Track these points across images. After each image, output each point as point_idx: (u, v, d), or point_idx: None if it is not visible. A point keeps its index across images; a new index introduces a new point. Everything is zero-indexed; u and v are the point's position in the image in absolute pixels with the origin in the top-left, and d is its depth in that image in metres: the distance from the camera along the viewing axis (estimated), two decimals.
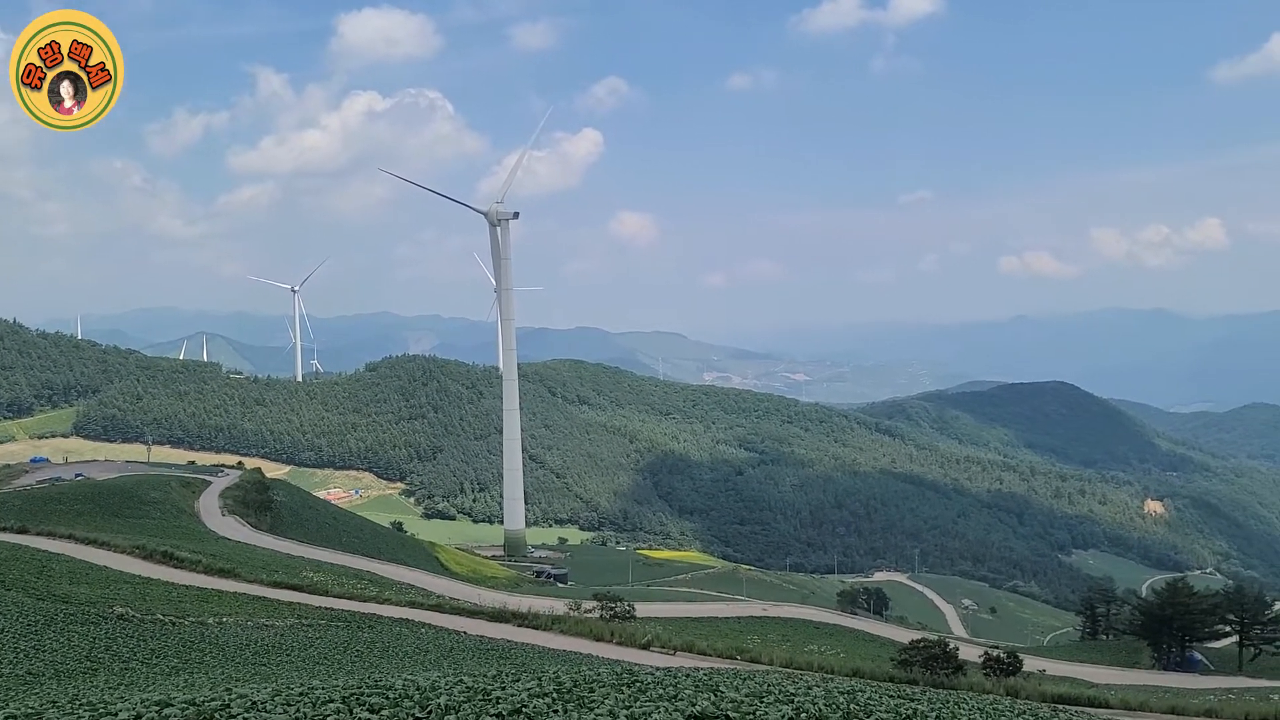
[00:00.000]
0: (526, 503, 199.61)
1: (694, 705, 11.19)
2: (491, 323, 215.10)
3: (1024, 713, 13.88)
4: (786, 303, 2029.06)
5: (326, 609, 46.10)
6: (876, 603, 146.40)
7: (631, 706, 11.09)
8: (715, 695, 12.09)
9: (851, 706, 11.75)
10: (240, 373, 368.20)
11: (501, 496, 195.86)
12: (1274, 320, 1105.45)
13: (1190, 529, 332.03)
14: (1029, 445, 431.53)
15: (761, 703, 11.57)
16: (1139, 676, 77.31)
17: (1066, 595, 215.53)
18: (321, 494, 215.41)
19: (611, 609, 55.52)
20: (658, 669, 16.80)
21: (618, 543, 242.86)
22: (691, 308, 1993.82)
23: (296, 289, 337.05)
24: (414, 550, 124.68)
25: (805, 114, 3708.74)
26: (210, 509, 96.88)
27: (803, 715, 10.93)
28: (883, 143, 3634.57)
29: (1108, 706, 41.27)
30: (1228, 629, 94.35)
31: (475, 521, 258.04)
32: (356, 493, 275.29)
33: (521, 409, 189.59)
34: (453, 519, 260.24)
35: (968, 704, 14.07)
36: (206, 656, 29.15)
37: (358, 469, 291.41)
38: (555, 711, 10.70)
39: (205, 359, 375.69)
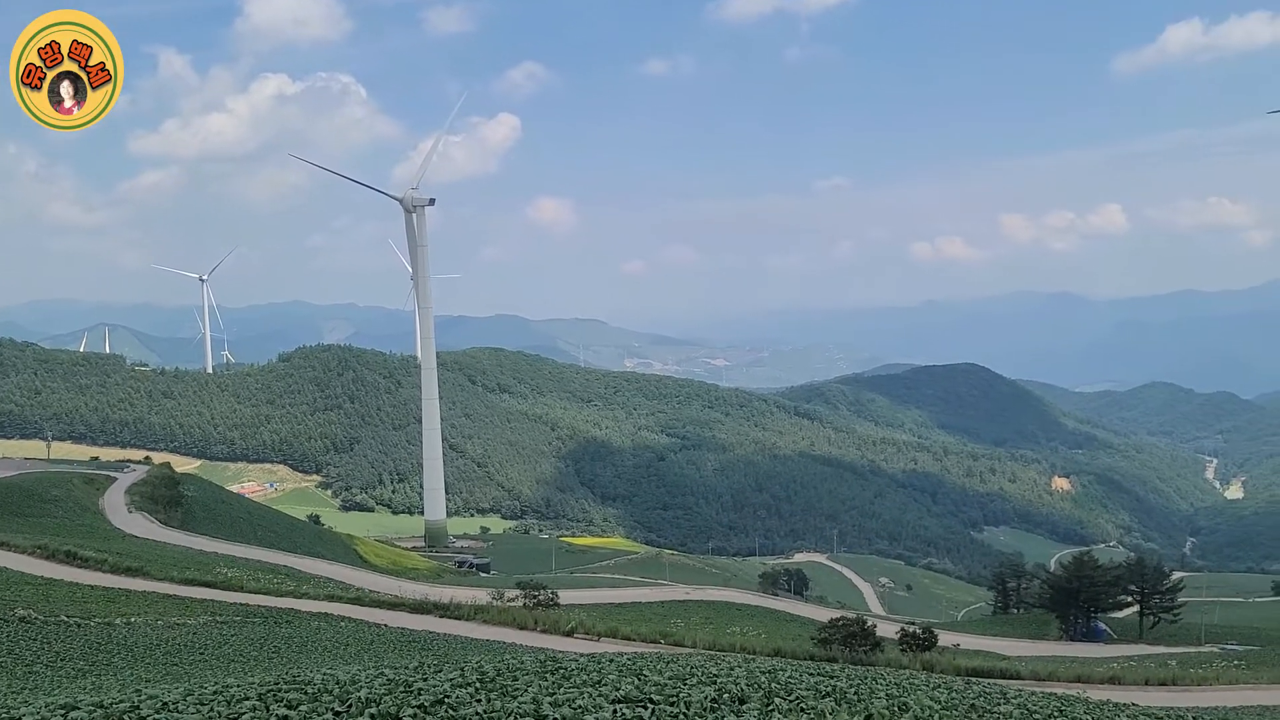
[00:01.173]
0: (447, 493, 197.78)
1: (618, 690, 11.22)
2: (409, 311, 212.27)
3: (939, 686, 14.24)
4: (706, 288, 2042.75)
5: (241, 605, 45.06)
6: (797, 583, 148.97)
7: (555, 693, 11.06)
8: (639, 679, 12.14)
9: (772, 685, 11.91)
10: (146, 365, 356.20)
11: (421, 487, 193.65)
12: (1172, 302, 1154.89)
13: (1095, 504, 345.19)
14: (942, 426, 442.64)
15: (685, 685, 11.66)
16: (1048, 647, 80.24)
17: (979, 571, 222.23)
18: (235, 488, 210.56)
19: (535, 597, 55.43)
20: (582, 655, 16.80)
21: (541, 531, 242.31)
22: (611, 294, 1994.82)
23: (205, 278, 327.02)
24: (332, 543, 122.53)
25: (722, 100, 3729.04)
26: (116, 506, 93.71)
27: (725, 695, 11.03)
28: (798, 130, 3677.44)
29: (1019, 677, 42.68)
30: (1129, 599, 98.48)
31: (395, 513, 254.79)
32: (271, 486, 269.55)
33: (441, 398, 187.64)
34: (372, 511, 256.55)
35: (885, 679, 14.38)
36: (114, 658, 28.25)
37: (272, 462, 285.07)
38: (478, 701, 10.61)
39: (108, 351, 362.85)
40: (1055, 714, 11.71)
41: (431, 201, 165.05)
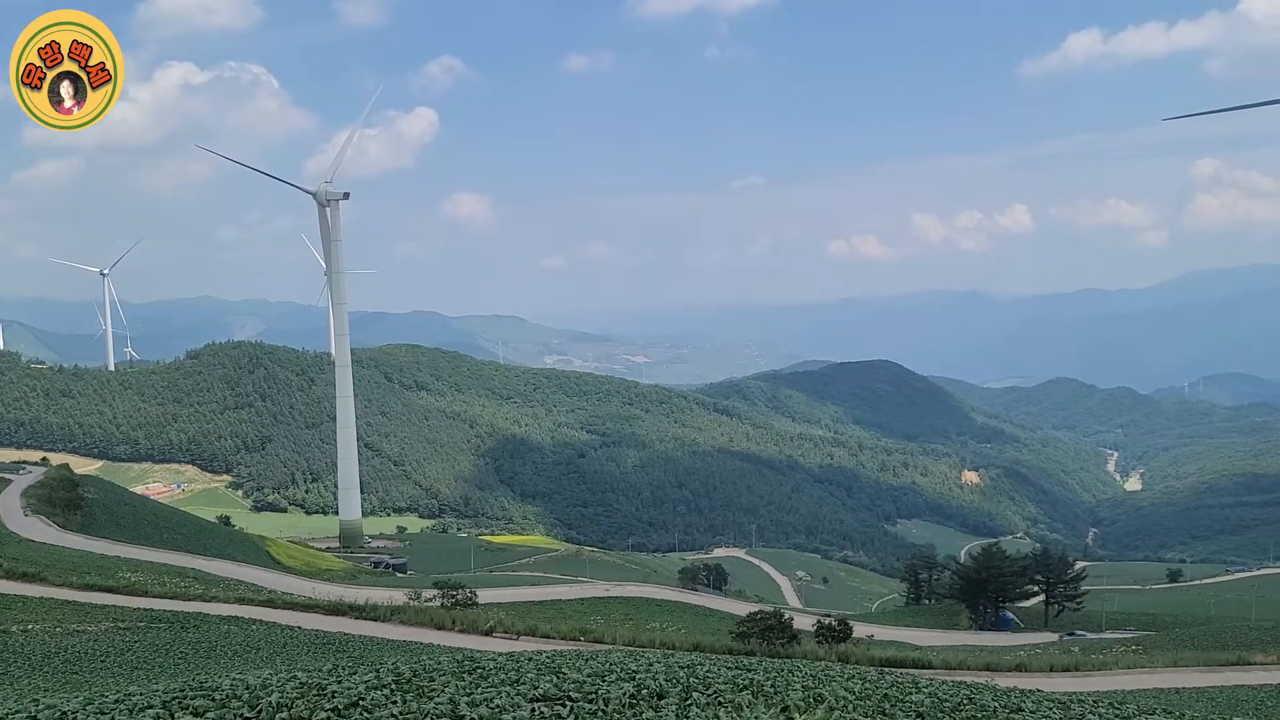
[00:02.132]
0: (363, 492, 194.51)
1: (536, 688, 11.16)
2: (323, 307, 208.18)
3: (853, 677, 14.49)
4: (626, 285, 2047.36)
5: (146, 610, 43.64)
6: (716, 578, 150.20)
7: (473, 693, 10.96)
8: (558, 677, 12.10)
9: (691, 680, 11.98)
10: (43, 362, 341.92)
11: (336, 486, 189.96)
12: (1074, 300, 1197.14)
13: (1003, 496, 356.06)
14: (857, 421, 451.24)
15: (604, 681, 11.65)
16: (958, 637, 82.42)
17: (892, 563, 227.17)
18: (139, 489, 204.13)
19: (453, 596, 54.85)
20: (500, 654, 16.67)
21: (459, 529, 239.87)
22: (531, 291, 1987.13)
23: (106, 272, 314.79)
24: (243, 545, 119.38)
25: (642, 98, 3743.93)
26: (11, 509, 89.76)
27: (644, 691, 11.06)
28: (717, 129, 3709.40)
29: (930, 667, 43.75)
30: (1036, 589, 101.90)
31: (309, 513, 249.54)
32: (179, 487, 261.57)
33: (356, 395, 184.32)
34: (284, 511, 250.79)
35: (801, 671, 14.58)
36: (10, 667, 27.10)
37: (179, 462, 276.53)
38: (394, 702, 10.46)
39: (1, 347, 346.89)
40: (964, 702, 12.01)
41: (346, 196, 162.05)
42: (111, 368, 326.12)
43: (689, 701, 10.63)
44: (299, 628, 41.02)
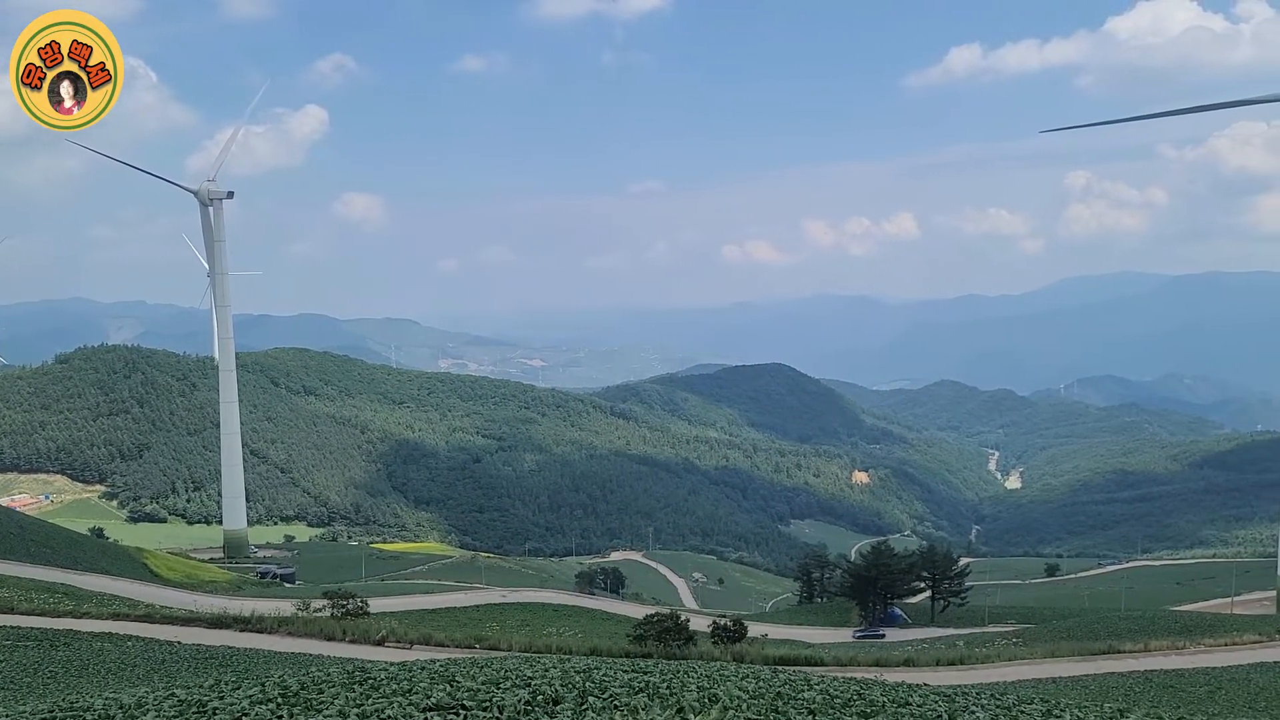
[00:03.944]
0: (248, 500, 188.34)
1: (429, 697, 10.95)
2: (205, 309, 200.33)
3: (747, 676, 14.65)
4: (522, 289, 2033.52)
5: (12, 628, 41.31)
6: (613, 582, 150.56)
7: (363, 705, 10.68)
8: (451, 685, 11.90)
9: (587, 684, 11.93)
10: None
11: (220, 495, 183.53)
12: (958, 305, 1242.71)
13: (891, 496, 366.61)
14: (752, 424, 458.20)
15: (498, 689, 11.52)
16: (849, 634, 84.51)
17: (786, 563, 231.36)
18: (4, 500, 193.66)
19: (343, 606, 53.70)
20: (393, 664, 16.30)
21: (350, 538, 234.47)
22: (424, 293, 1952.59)
23: None
24: (118, 558, 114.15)
25: (539, 101, 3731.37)
26: None
27: (539, 697, 10.96)
28: (614, 133, 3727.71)
29: (822, 664, 44.67)
30: (922, 585, 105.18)
31: (190, 523, 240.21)
32: (47, 498, 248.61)
33: (241, 400, 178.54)
34: (164, 522, 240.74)
35: (696, 672, 14.67)
36: None
37: (48, 471, 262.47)
38: (280, 717, 10.10)
39: None
40: (855, 698, 12.25)
41: (230, 194, 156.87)
42: None
43: (585, 706, 10.58)
44: (179, 643, 39.46)
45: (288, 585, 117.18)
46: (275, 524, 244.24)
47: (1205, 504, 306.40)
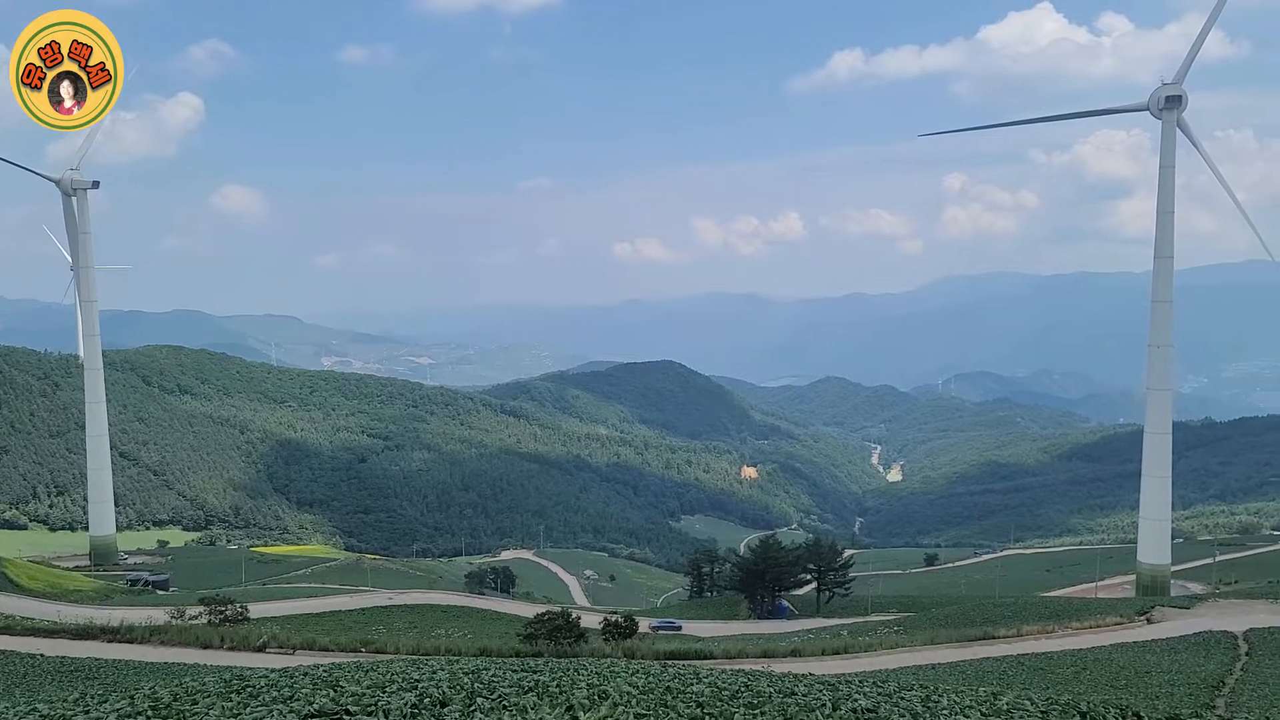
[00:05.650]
0: (118, 505, 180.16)
1: (311, 704, 10.66)
2: (69, 305, 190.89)
3: (637, 671, 14.71)
4: (410, 285, 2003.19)
5: None
6: (504, 581, 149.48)
7: (241, 714, 10.34)
8: (335, 691, 11.61)
9: (475, 685, 11.80)
10: None
11: (86, 500, 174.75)
12: (842, 304, 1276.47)
13: (779, 490, 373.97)
14: (643, 420, 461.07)
15: (384, 693, 11.29)
16: (738, 627, 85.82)
17: (677, 559, 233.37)
18: None
19: (221, 612, 51.87)
20: (273, 671, 15.78)
21: (229, 541, 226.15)
22: (307, 290, 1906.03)
23: None
24: None
25: (426, 95, 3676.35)
26: None
27: (426, 700, 10.79)
28: (504, 129, 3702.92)
29: (712, 657, 45.25)
30: (809, 577, 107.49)
31: (53, 529, 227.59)
32: None
33: (110, 401, 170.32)
34: (24, 529, 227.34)
35: (587, 669, 14.67)
36: None
37: None
38: None
39: None
40: (742, 689, 12.41)
41: (95, 184, 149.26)
42: None
43: (473, 708, 10.45)
44: (41, 655, 37.45)
45: (160, 592, 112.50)
46: (147, 529, 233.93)
47: (1072, 494, 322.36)
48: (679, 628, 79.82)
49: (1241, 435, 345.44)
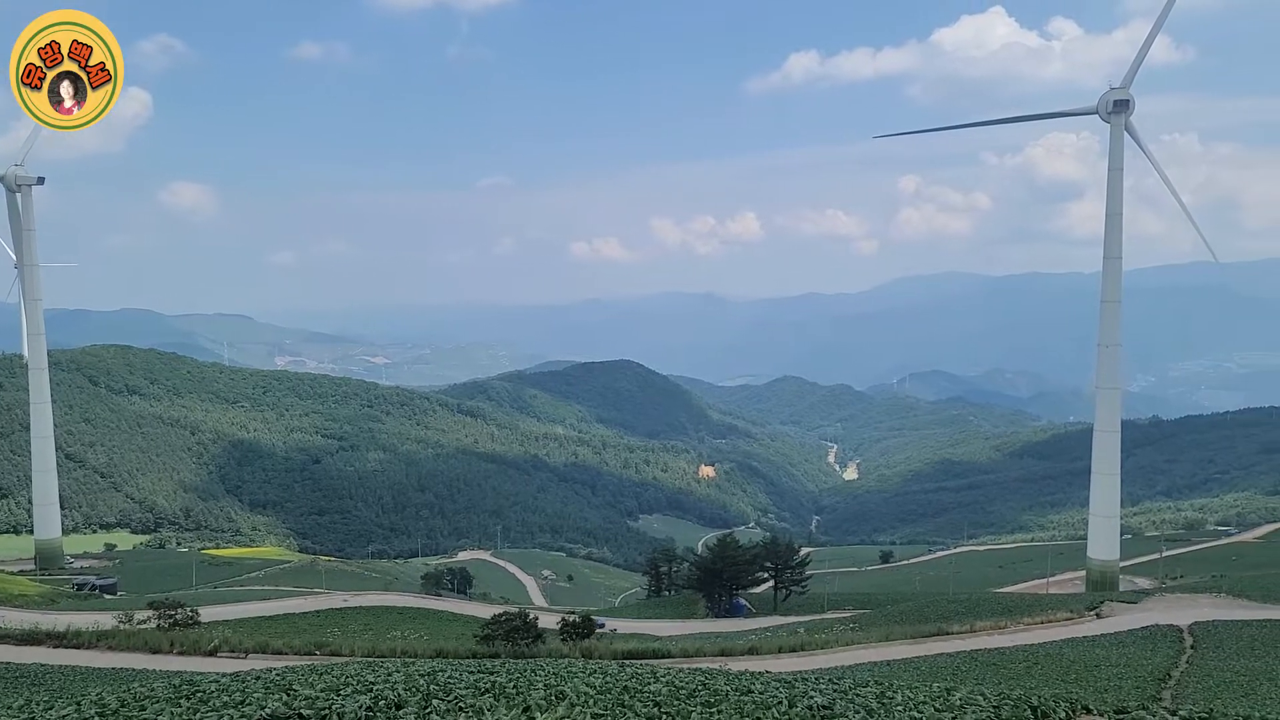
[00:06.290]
0: (63, 507, 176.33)
1: (264, 708, 10.49)
2: (13, 304, 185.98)
3: (595, 671, 14.70)
4: (365, 284, 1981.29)
5: None
6: (461, 582, 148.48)
7: (191, 719, 10.13)
8: (288, 695, 11.45)
9: (431, 687, 11.70)
10: None
11: (30, 503, 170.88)
12: (799, 304, 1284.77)
13: (736, 489, 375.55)
14: (601, 420, 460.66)
15: (338, 696, 11.15)
16: (696, 625, 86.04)
17: (635, 558, 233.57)
18: None
19: (171, 616, 50.98)
20: (225, 675, 15.54)
21: (179, 544, 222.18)
22: (259, 288, 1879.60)
23: None
24: None
25: (381, 92, 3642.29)
26: None
27: (381, 702, 10.67)
28: (460, 127, 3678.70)
29: (669, 656, 45.33)
30: (766, 575, 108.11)
31: None
32: None
33: (55, 401, 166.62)
34: None
35: (544, 670, 14.63)
36: None
37: None
38: None
39: None
40: (700, 687, 12.44)
41: (40, 180, 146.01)
42: None
43: (429, 709, 10.36)
44: None
45: (108, 597, 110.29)
46: (95, 532, 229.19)
47: (1024, 491, 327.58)
48: (602, 625, 79.79)
49: (1187, 433, 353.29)
